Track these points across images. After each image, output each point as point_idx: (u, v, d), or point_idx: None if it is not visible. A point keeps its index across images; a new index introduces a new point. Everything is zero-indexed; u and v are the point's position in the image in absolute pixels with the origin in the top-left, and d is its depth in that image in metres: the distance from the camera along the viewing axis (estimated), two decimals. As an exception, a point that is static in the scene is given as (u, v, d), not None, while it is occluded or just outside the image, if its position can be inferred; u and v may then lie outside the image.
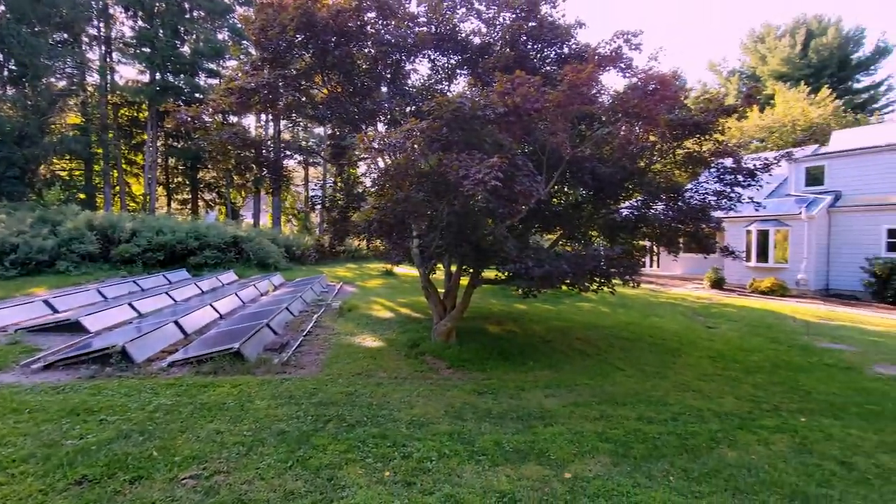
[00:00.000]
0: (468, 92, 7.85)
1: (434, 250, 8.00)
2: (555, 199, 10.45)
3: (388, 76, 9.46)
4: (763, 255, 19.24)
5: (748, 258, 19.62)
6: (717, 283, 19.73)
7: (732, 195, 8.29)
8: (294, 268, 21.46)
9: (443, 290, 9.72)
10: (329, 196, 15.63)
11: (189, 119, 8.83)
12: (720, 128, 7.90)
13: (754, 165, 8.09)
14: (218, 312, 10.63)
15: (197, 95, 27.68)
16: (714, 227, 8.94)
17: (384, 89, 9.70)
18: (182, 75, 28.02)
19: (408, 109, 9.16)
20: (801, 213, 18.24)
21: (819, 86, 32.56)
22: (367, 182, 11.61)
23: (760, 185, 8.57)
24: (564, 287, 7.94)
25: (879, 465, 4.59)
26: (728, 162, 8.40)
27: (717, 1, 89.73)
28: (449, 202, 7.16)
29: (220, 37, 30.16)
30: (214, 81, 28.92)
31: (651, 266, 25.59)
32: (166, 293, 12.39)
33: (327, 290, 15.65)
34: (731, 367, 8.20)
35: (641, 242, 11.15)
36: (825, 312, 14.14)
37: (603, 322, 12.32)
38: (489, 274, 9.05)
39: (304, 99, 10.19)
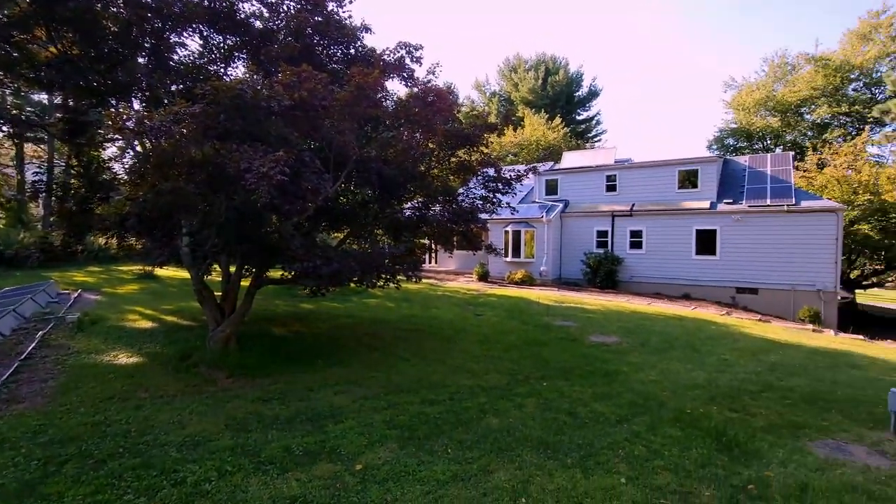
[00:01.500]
0: (249, 78, 7.29)
1: (210, 249, 7.19)
2: (343, 198, 10.54)
3: (148, 46, 8.09)
4: (516, 251, 22.96)
5: (506, 254, 23.12)
6: (484, 277, 22.72)
7: (495, 200, 9.71)
8: (4, 274, 16.45)
9: (220, 294, 8.81)
10: (60, 182, 12.46)
11: None
12: (485, 141, 9.15)
13: (510, 176, 9.63)
14: None
15: None
16: (481, 228, 10.31)
17: (141, 60, 8.25)
18: None
19: (174, 88, 8.00)
20: (542, 217, 22.38)
21: (554, 114, 40.57)
22: (118, 168, 9.68)
23: (515, 193, 10.24)
24: (353, 285, 8.09)
25: (593, 411, 6.03)
26: (491, 171, 9.81)
27: (483, 28, 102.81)
28: (228, 196, 6.54)
29: None
30: None
31: (430, 262, 27.92)
32: None
33: (58, 301, 12.45)
34: (494, 347, 9.59)
35: (423, 241, 12.12)
36: (559, 297, 17.70)
37: (389, 316, 12.95)
38: (274, 274, 8.60)
39: (16, 55, 7.93)
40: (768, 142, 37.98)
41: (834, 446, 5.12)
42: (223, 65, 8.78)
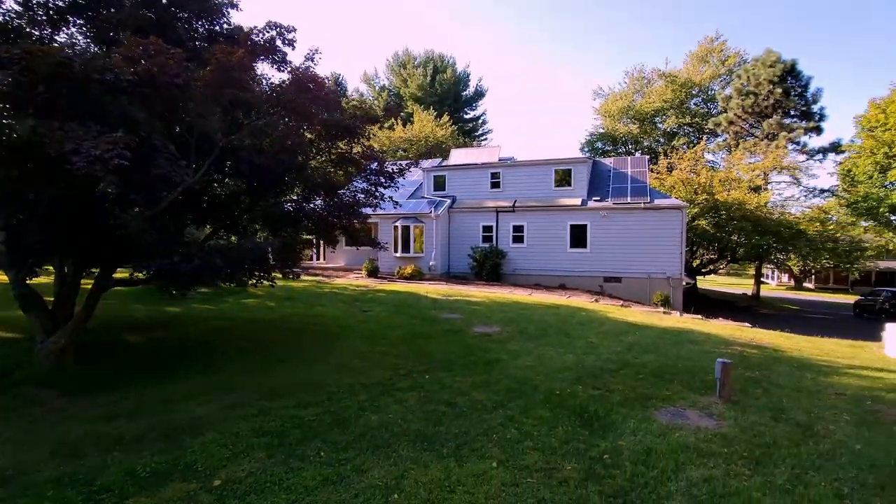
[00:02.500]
0: (81, 47, 6.27)
1: (33, 246, 6.06)
2: (215, 189, 9.62)
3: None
4: (406, 246, 22.99)
5: (395, 249, 23.06)
6: (373, 272, 22.40)
7: (377, 193, 9.53)
8: None
9: (53, 299, 7.52)
10: None
11: None
12: (367, 133, 8.93)
13: (392, 169, 9.52)
14: None
15: None
16: (363, 222, 10.07)
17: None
18: None
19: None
20: (431, 212, 22.67)
21: (443, 112, 41.34)
22: None
23: (398, 187, 10.16)
24: (226, 284, 7.41)
25: (472, 399, 6.17)
26: (374, 165, 9.61)
27: (372, 20, 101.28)
28: (55, 184, 5.55)
29: None
30: None
31: (318, 259, 26.86)
32: None
33: None
34: (379, 343, 9.44)
35: (306, 236, 11.53)
36: (447, 290, 18.07)
37: (269, 316, 12.15)
38: (125, 273, 7.55)
39: None
40: (630, 146, 42.59)
41: (674, 412, 5.81)
42: (51, 29, 7.42)
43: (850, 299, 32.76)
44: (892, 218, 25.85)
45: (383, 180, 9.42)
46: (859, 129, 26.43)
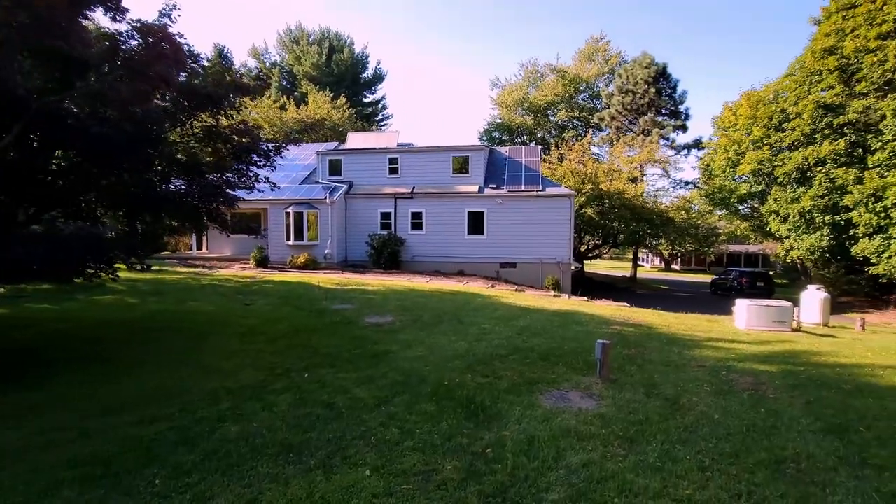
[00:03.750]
0: None
1: None
2: (51, 166, 7.92)
3: None
4: (299, 234, 21.60)
5: (288, 237, 21.58)
6: (262, 262, 20.73)
7: (251, 174, 8.52)
8: None
9: None
10: None
11: None
12: (237, 105, 7.88)
13: (268, 147, 8.56)
14: None
15: None
16: (233, 207, 8.98)
17: None
18: None
19: None
20: (326, 198, 21.50)
21: (339, 93, 39.55)
22: None
23: (274, 167, 9.19)
24: (76, 279, 6.06)
25: (353, 397, 5.67)
26: (246, 141, 8.56)
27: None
28: None
29: None
30: None
31: (200, 248, 24.36)
32: None
33: None
34: (257, 339, 8.54)
35: (170, 222, 10.09)
36: (343, 279, 17.24)
37: (128, 316, 10.52)
38: None
39: None
40: (525, 137, 44.27)
41: (558, 396, 5.82)
42: None
43: (708, 278, 37.43)
44: (740, 207, 29.68)
45: (258, 159, 8.43)
46: (716, 129, 29.88)
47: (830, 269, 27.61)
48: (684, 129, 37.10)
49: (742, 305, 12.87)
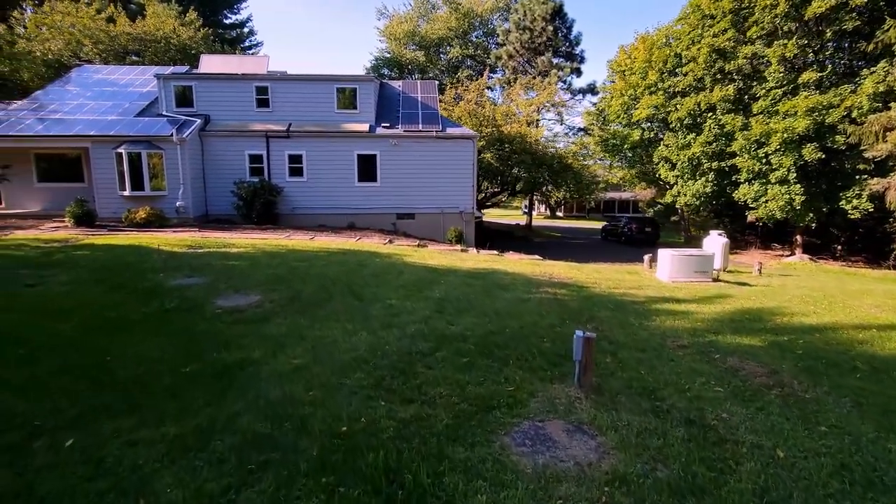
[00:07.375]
0: None
1: None
2: None
3: None
4: (138, 182, 16.67)
5: (123, 186, 16.62)
6: (85, 219, 15.58)
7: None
8: None
9: None
10: None
11: None
12: None
13: None
14: None
15: None
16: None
17: None
18: None
19: None
20: (173, 135, 16.69)
21: (189, 7, 32.06)
22: None
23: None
24: None
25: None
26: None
27: None
28: None
29: None
30: None
31: (-7, 203, 18.06)
32: None
33: None
34: (8, 355, 5.04)
35: None
36: (199, 239, 13.31)
37: None
38: None
39: None
40: (417, 75, 40.70)
41: (532, 435, 3.57)
42: None
43: (591, 224, 38.66)
44: (630, 154, 29.98)
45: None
46: (611, 72, 29.34)
47: (700, 214, 29.46)
48: (579, 73, 36.54)
49: (665, 256, 11.89)
